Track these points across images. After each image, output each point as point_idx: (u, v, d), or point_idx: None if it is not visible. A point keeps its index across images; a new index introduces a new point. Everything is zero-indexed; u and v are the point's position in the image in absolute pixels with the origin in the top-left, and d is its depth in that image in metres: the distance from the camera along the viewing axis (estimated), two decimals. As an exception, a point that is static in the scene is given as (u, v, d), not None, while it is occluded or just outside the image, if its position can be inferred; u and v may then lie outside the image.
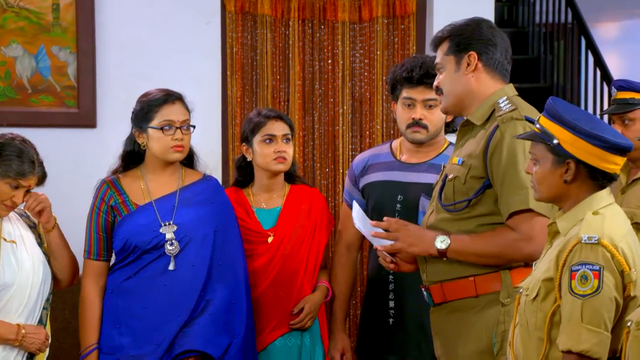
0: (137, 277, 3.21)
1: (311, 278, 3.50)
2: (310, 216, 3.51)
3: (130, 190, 3.27)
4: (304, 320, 3.44)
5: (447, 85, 2.91)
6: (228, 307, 3.21)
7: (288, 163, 3.48)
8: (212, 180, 3.38)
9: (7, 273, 3.04)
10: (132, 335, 3.17)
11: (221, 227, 3.27)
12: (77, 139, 4.16)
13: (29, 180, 3.08)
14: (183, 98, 3.27)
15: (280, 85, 4.30)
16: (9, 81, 4.11)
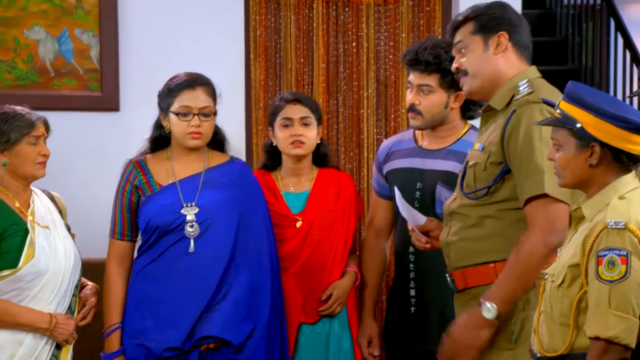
0: (160, 260, 3.22)
1: (340, 263, 3.50)
2: (339, 201, 3.51)
3: (156, 171, 3.29)
4: (332, 306, 3.44)
5: (473, 66, 2.87)
6: (252, 292, 3.20)
7: (307, 147, 3.48)
8: (239, 162, 3.38)
9: (42, 259, 3.06)
10: (155, 318, 3.19)
11: (246, 211, 3.26)
12: (100, 122, 4.18)
13: (39, 128, 3.11)
14: (207, 83, 3.27)
15: (304, 69, 4.28)
16: (32, 64, 4.13)
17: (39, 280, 3.06)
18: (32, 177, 3.13)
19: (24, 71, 4.13)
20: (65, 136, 3.95)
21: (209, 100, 3.25)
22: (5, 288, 3.03)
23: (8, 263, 3.02)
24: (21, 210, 3.10)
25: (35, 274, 3.05)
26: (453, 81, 3.28)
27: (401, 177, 3.45)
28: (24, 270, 3.03)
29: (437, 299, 3.36)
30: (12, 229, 3.05)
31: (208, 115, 3.23)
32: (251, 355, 3.19)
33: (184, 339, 3.14)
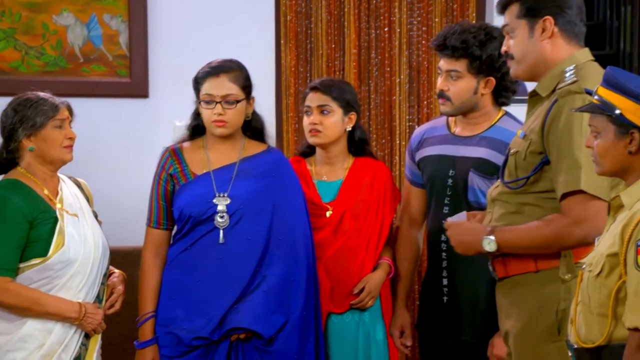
0: (192, 249, 3.21)
1: (373, 255, 3.47)
2: (372, 191, 3.48)
3: (191, 160, 3.28)
4: (364, 300, 3.43)
5: (519, 51, 2.83)
6: (285, 284, 3.19)
7: (324, 136, 3.45)
8: (276, 152, 3.35)
9: (71, 248, 3.06)
10: (186, 308, 3.19)
11: (281, 202, 3.24)
12: (129, 109, 4.18)
13: (63, 112, 3.12)
14: (233, 70, 3.23)
15: (335, 54, 4.26)
16: (61, 50, 4.13)
17: (69, 269, 3.06)
18: (60, 161, 3.13)
19: (53, 57, 4.13)
20: (94, 123, 4.00)
21: (234, 88, 3.21)
22: (35, 277, 3.04)
23: (38, 251, 3.03)
24: (50, 198, 3.10)
25: (64, 263, 3.05)
26: (482, 66, 3.28)
27: (433, 165, 3.42)
28: (54, 259, 3.03)
29: (469, 289, 3.34)
30: (42, 217, 3.04)
31: (232, 103, 3.20)
32: (282, 348, 3.17)
33: (213, 329, 3.14)
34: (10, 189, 3.06)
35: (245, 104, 3.25)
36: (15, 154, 3.11)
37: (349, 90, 3.54)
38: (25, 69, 4.12)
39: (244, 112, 3.25)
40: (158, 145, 3.86)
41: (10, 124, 3.07)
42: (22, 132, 3.07)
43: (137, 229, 3.45)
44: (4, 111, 3.12)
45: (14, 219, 3.01)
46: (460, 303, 3.38)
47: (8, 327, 3.04)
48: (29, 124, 3.06)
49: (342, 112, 3.47)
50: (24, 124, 3.06)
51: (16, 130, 3.07)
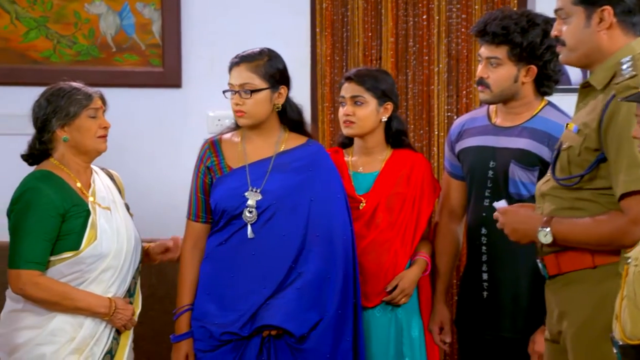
0: (227, 244, 3.21)
1: (408, 249, 3.44)
2: (409, 183, 3.45)
3: (228, 152, 3.28)
4: (396, 297, 3.39)
5: (573, 39, 2.76)
6: (320, 281, 3.16)
7: (358, 127, 3.43)
8: (314, 146, 3.32)
9: (104, 242, 3.06)
10: (219, 302, 3.18)
11: (319, 197, 3.22)
12: (162, 99, 4.16)
13: (97, 101, 3.12)
14: (254, 59, 3.20)
15: (372, 43, 4.22)
16: (93, 39, 4.11)
17: (100, 263, 3.06)
18: (94, 151, 3.14)
19: (85, 46, 4.12)
20: (126, 113, 3.98)
21: (252, 77, 3.18)
22: (66, 270, 3.04)
23: (70, 245, 3.04)
24: (82, 191, 3.10)
25: (96, 257, 3.05)
26: (523, 54, 3.24)
27: (474, 156, 3.39)
28: (86, 253, 3.04)
29: (510, 284, 3.30)
30: (74, 210, 3.05)
31: (248, 93, 3.17)
32: (315, 347, 3.15)
33: (243, 324, 3.13)
34: (42, 180, 3.06)
35: (269, 94, 3.21)
36: (48, 145, 3.11)
37: (385, 79, 3.50)
38: (57, 58, 4.10)
39: (267, 102, 3.22)
40: (191, 136, 3.91)
41: (44, 115, 3.08)
42: (55, 122, 3.07)
43: (169, 221, 3.50)
44: (37, 102, 3.12)
45: (46, 212, 3.01)
46: (500, 298, 3.34)
47: (38, 321, 3.05)
48: (62, 113, 3.07)
49: (376, 102, 3.44)
50: (58, 114, 3.07)
51: (50, 121, 3.08)
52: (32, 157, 3.16)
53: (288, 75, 3.28)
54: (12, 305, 3.09)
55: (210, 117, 4.14)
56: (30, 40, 4.09)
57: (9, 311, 3.09)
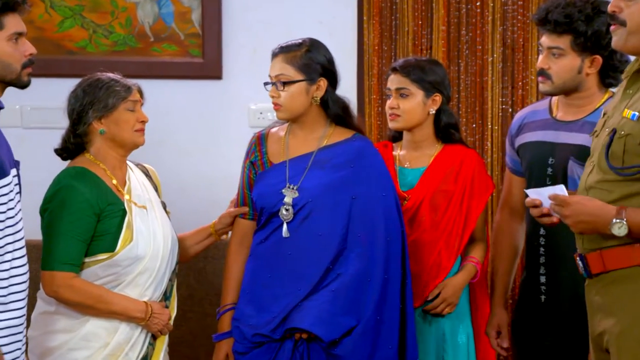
0: (267, 242, 3.19)
1: (454, 251, 3.39)
2: (457, 181, 3.40)
3: (271, 147, 3.27)
4: (438, 307, 3.35)
5: (637, 20, 2.66)
6: (359, 284, 3.11)
7: (403, 120, 3.40)
8: (359, 140, 3.26)
9: (140, 243, 3.04)
10: (256, 303, 3.17)
11: (361, 195, 3.16)
12: (201, 91, 4.15)
13: (135, 94, 3.12)
14: (292, 50, 3.17)
15: (422, 32, 4.18)
16: (130, 29, 4.10)
17: (136, 266, 3.05)
18: (132, 144, 3.13)
19: (122, 36, 4.11)
20: (164, 106, 4.04)
21: (287, 68, 3.16)
22: (101, 272, 3.03)
23: (105, 246, 3.02)
24: (118, 189, 3.09)
25: (132, 259, 3.03)
26: (587, 43, 3.20)
27: (532, 152, 3.35)
28: (121, 255, 3.02)
29: (570, 287, 3.25)
30: (110, 210, 3.03)
31: (282, 84, 3.15)
32: (350, 353, 3.09)
33: (275, 326, 3.11)
34: (77, 178, 3.04)
35: (305, 86, 3.17)
36: (83, 138, 3.10)
37: (434, 70, 3.45)
38: (92, 48, 4.11)
39: (303, 95, 3.18)
40: (231, 131, 3.95)
41: (80, 106, 3.06)
42: (92, 114, 3.06)
43: (208, 219, 3.40)
44: (73, 93, 3.11)
45: (81, 211, 2.99)
46: (559, 303, 3.30)
47: (71, 325, 3.04)
48: (100, 105, 3.06)
49: (423, 94, 3.40)
50: (95, 106, 3.06)
51: (86, 112, 3.06)
52: (66, 151, 3.14)
53: (331, 67, 3.24)
54: (44, 307, 3.07)
55: (252, 110, 4.13)
56: (65, 29, 4.10)
57: (40, 313, 3.07)
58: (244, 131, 3.88)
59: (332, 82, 3.23)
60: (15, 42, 2.71)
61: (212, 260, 3.88)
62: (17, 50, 2.72)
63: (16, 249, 2.74)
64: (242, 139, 3.44)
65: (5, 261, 2.70)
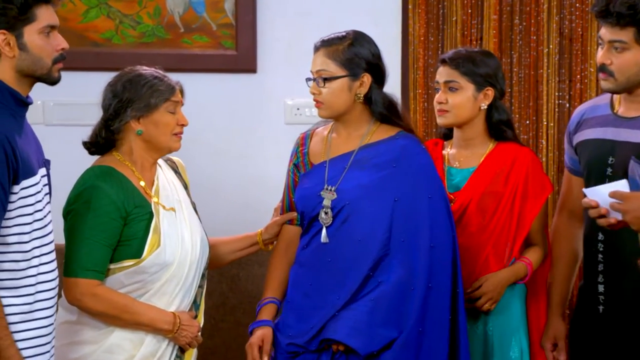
0: (308, 248, 3.18)
1: (504, 257, 3.35)
2: (508, 182, 3.36)
3: (314, 147, 3.26)
4: (478, 301, 3.29)
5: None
6: (401, 293, 3.06)
7: (451, 116, 3.36)
8: (403, 139, 3.21)
9: (168, 249, 3.02)
10: (296, 313, 3.15)
11: (405, 197, 3.11)
12: (235, 85, 4.14)
13: (178, 94, 3.10)
14: (333, 44, 3.15)
15: (472, 21, 4.16)
16: (159, 19, 4.10)
17: (164, 273, 3.02)
18: (167, 149, 3.10)
19: (150, 27, 4.11)
20: (194, 102, 3.94)
21: (327, 63, 3.13)
22: (126, 280, 3.00)
23: (131, 252, 2.99)
24: (146, 191, 3.06)
25: (160, 265, 3.01)
26: None
27: (591, 150, 3.30)
28: (148, 261, 2.99)
29: (632, 298, 3.22)
30: (137, 213, 3.00)
31: (325, 80, 3.13)
32: None
33: (311, 337, 3.09)
34: (103, 178, 3.00)
35: (348, 82, 3.14)
36: (116, 134, 3.06)
37: (486, 62, 3.41)
38: (119, 40, 4.11)
39: (345, 92, 3.15)
40: (266, 127, 3.94)
41: (119, 102, 3.03)
42: (131, 112, 3.03)
43: (241, 222, 3.50)
44: (111, 86, 3.07)
45: (107, 214, 2.96)
46: (619, 313, 3.25)
47: (94, 336, 3.01)
48: (141, 104, 3.02)
49: (473, 88, 3.37)
50: (135, 104, 3.03)
51: (125, 109, 3.03)
52: (95, 145, 3.10)
53: (377, 62, 3.20)
54: (65, 316, 3.04)
55: (289, 106, 4.12)
56: (90, 20, 4.10)
57: (62, 322, 3.02)
58: (280, 128, 3.89)
59: (378, 78, 3.19)
60: (47, 35, 2.70)
61: (246, 267, 3.87)
62: (48, 44, 2.70)
63: (44, 254, 2.71)
64: (278, 137, 3.45)
65: (32, 266, 2.68)
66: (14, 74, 2.69)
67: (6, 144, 2.60)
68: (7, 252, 2.65)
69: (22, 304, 2.67)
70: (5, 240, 2.64)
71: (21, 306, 2.67)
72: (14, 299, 2.66)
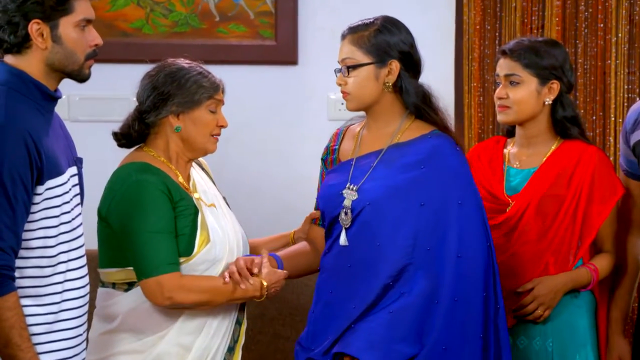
0: (330, 253, 3.14)
1: (566, 267, 3.30)
2: (571, 183, 3.31)
3: (345, 143, 3.24)
4: (528, 306, 3.25)
5: None
6: (424, 307, 2.99)
7: (513, 112, 3.33)
8: (436, 138, 3.13)
9: (217, 245, 3.02)
10: (316, 323, 3.13)
11: (432, 201, 3.04)
12: (274, 78, 4.15)
13: (221, 93, 3.11)
14: (359, 30, 3.13)
15: (533, 8, 4.12)
16: (193, 7, 4.11)
17: (214, 270, 3.02)
18: (202, 150, 3.10)
19: (183, 15, 4.12)
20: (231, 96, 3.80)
21: (352, 50, 3.11)
22: None
23: (180, 249, 3.00)
24: (185, 186, 3.06)
25: (210, 262, 3.01)
26: None
27: None
28: (199, 258, 3.00)
29: None
30: (183, 206, 3.00)
31: (349, 69, 3.12)
32: None
33: (325, 350, 3.07)
34: (145, 171, 3.00)
35: (374, 70, 3.10)
36: (151, 128, 3.06)
37: (551, 53, 3.35)
38: (149, 29, 4.12)
39: (372, 81, 3.11)
40: (308, 123, 3.94)
41: (159, 95, 3.03)
42: (171, 107, 3.03)
43: (282, 226, 3.41)
44: (151, 77, 3.06)
45: (162, 204, 2.96)
46: None
47: (142, 345, 3.01)
48: (184, 99, 3.03)
49: (536, 82, 3.33)
50: (177, 98, 3.03)
51: (165, 103, 3.03)
52: (126, 138, 3.08)
53: (407, 49, 3.13)
54: (103, 327, 3.03)
55: (332, 100, 4.11)
56: (118, 8, 4.12)
57: (100, 333, 3.04)
58: (323, 124, 3.86)
59: (409, 67, 3.12)
60: (82, 29, 2.70)
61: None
62: (83, 38, 2.70)
63: (72, 259, 2.70)
64: (320, 134, 3.42)
65: (58, 272, 2.67)
66: (43, 67, 2.67)
67: (29, 140, 2.57)
68: (30, 258, 2.63)
69: (47, 313, 2.66)
70: (28, 245, 2.61)
71: (45, 316, 2.65)
72: (37, 307, 2.64)
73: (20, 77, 2.65)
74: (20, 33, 2.62)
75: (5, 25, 2.62)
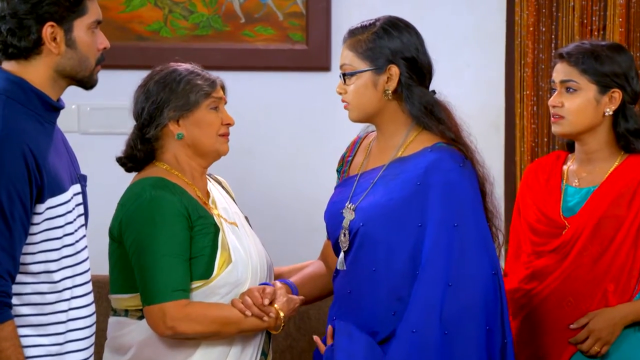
0: (337, 277, 3.18)
1: (628, 293, 3.27)
2: (632, 203, 3.27)
3: (358, 155, 3.24)
4: (580, 339, 3.22)
5: None
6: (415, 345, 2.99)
7: (566, 123, 3.30)
8: (436, 152, 3.08)
9: (239, 266, 3.05)
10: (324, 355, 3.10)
11: (430, 222, 3.01)
12: (305, 85, 4.18)
13: (219, 90, 3.12)
14: (357, 34, 3.13)
15: (593, 7, 4.11)
16: (215, 7, 4.13)
17: (236, 293, 3.06)
18: (213, 153, 3.11)
19: (205, 17, 4.15)
20: (256, 105, 4.08)
21: (350, 56, 3.10)
22: None
23: (199, 271, 3.04)
24: (204, 202, 3.08)
25: (232, 285, 3.05)
26: None
27: None
28: (219, 280, 3.03)
29: None
30: (201, 224, 3.03)
31: (346, 76, 3.12)
32: None
33: None
34: (160, 187, 3.02)
35: (372, 76, 3.09)
36: (154, 143, 3.09)
37: (614, 58, 3.32)
38: (168, 32, 4.15)
39: (371, 88, 3.11)
40: (341, 135, 3.87)
41: (153, 104, 3.06)
42: (168, 113, 3.06)
43: (310, 249, 3.45)
44: (143, 88, 3.10)
45: (178, 224, 2.99)
46: None
47: None
48: (179, 102, 3.06)
49: (595, 89, 3.30)
50: (173, 103, 3.06)
51: (161, 111, 3.07)
52: (132, 160, 3.11)
53: (409, 52, 3.10)
54: (115, 359, 3.10)
55: None
56: (133, 9, 4.16)
57: None
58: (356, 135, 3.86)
59: (414, 72, 3.09)
60: (93, 32, 2.71)
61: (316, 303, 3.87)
62: (94, 42, 2.72)
63: (76, 285, 2.70)
64: (354, 147, 3.45)
65: (63, 300, 2.66)
66: (51, 74, 2.67)
67: (29, 155, 2.55)
68: (32, 283, 2.62)
69: (51, 344, 2.66)
70: (29, 269, 2.60)
71: (49, 347, 2.65)
72: (41, 338, 2.64)
73: (20, 86, 2.63)
74: (32, 37, 2.60)
75: (15, 29, 2.60)
